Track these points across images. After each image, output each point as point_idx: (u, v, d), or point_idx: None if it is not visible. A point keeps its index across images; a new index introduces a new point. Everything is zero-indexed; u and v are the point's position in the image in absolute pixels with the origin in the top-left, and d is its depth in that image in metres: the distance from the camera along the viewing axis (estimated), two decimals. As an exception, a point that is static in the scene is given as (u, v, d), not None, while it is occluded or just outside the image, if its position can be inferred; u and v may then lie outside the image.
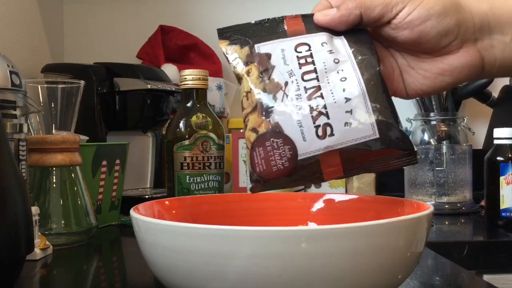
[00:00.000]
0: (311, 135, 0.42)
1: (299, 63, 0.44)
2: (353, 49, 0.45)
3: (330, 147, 0.42)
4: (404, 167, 1.07)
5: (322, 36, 0.46)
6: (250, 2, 1.43)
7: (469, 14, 0.46)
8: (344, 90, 0.43)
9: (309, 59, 0.44)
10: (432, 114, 1.15)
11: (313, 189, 1.20)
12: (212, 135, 0.85)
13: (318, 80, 0.43)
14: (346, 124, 0.42)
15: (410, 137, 1.17)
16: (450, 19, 0.45)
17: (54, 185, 0.71)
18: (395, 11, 0.45)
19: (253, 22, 0.48)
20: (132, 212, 0.43)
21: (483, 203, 0.98)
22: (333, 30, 0.47)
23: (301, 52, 0.45)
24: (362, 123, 0.42)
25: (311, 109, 0.42)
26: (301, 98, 0.43)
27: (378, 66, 0.44)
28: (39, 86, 0.72)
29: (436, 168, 1.07)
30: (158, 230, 0.38)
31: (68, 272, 0.63)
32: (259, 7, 1.42)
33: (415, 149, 0.44)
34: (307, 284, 0.35)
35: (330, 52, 0.45)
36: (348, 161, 0.43)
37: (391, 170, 0.44)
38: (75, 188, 0.73)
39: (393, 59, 0.50)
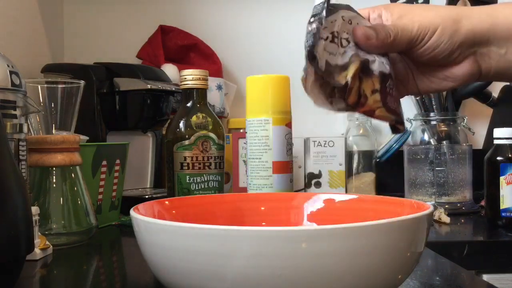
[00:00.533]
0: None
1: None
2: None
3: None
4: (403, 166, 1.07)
5: None
6: (250, 2, 1.43)
7: (472, 34, 0.54)
8: None
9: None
10: (432, 114, 1.15)
11: (313, 189, 1.21)
12: (212, 135, 0.85)
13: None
14: None
15: (410, 137, 1.18)
16: (454, 44, 0.53)
17: (54, 185, 0.71)
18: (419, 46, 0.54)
19: None
20: (132, 212, 0.43)
21: (483, 203, 0.98)
22: None
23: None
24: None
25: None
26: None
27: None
28: (39, 86, 0.72)
29: (436, 168, 1.07)
30: (158, 230, 0.38)
31: (68, 272, 0.63)
32: (259, 7, 1.42)
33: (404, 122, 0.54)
34: (307, 284, 0.35)
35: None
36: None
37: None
38: (75, 188, 0.73)
39: (407, 67, 0.59)
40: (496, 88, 1.33)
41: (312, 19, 0.48)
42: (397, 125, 0.53)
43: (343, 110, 0.51)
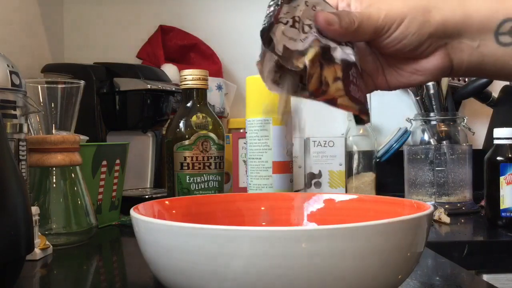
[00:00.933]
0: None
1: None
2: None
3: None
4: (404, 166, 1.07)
5: None
6: (250, 2, 1.43)
7: (442, 25, 0.51)
8: None
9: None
10: (432, 114, 1.15)
11: (313, 189, 1.21)
12: (212, 135, 0.85)
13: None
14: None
15: (410, 137, 1.18)
16: (423, 35, 0.51)
17: (54, 185, 0.71)
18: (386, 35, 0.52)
19: None
20: (132, 212, 0.43)
21: (483, 203, 0.98)
22: None
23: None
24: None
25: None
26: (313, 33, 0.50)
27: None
28: (39, 86, 0.72)
29: (436, 168, 1.07)
30: (158, 230, 0.38)
31: (68, 272, 0.63)
32: (259, 7, 1.42)
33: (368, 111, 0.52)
34: (307, 284, 0.35)
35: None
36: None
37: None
38: (75, 188, 0.73)
39: (377, 59, 0.56)
40: (496, 88, 1.33)
41: (271, 2, 0.47)
42: (361, 115, 0.51)
43: (306, 98, 0.50)
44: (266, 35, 0.46)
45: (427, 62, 0.53)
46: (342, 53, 0.50)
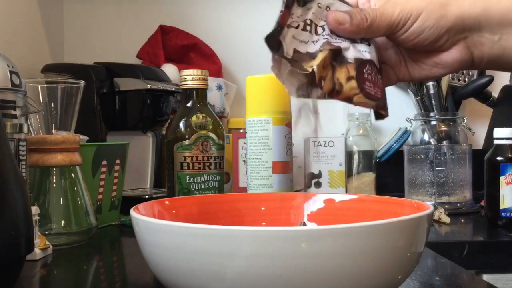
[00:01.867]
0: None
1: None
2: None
3: None
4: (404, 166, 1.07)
5: None
6: (250, 2, 1.43)
7: (460, 19, 0.50)
8: None
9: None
10: (432, 114, 1.15)
11: (313, 189, 1.21)
12: (212, 135, 0.85)
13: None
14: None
15: (410, 137, 1.18)
16: (441, 29, 0.50)
17: (54, 185, 0.71)
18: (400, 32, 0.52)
19: None
20: (132, 212, 0.43)
21: (483, 203, 0.98)
22: None
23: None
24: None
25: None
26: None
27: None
28: (39, 86, 0.72)
29: (436, 168, 1.07)
30: (158, 230, 0.38)
31: (68, 272, 0.63)
32: (259, 7, 1.42)
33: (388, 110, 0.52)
34: (307, 284, 0.35)
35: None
36: None
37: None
38: (75, 188, 0.73)
39: (399, 52, 0.56)
40: (496, 88, 1.33)
41: (281, 7, 0.48)
42: (379, 111, 0.52)
43: (322, 98, 0.50)
44: (273, 40, 0.47)
45: (447, 55, 0.53)
46: (355, 51, 0.51)
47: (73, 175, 0.73)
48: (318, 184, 1.20)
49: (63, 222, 0.71)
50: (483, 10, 0.50)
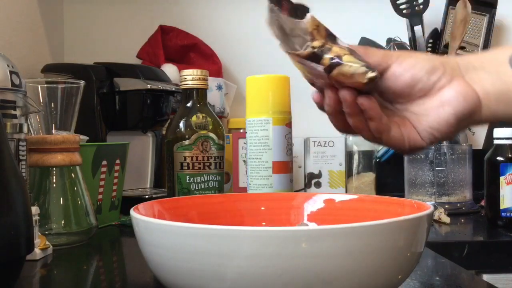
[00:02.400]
0: None
1: None
2: None
3: None
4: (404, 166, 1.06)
5: None
6: (250, 2, 1.43)
7: (453, 60, 0.53)
8: None
9: None
10: (432, 114, 1.15)
11: (313, 189, 1.21)
12: (212, 135, 0.85)
13: None
14: None
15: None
16: (434, 61, 0.52)
17: (54, 185, 0.71)
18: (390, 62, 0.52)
19: None
20: (132, 212, 0.43)
21: (483, 203, 0.98)
22: None
23: None
24: None
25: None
26: None
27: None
28: (39, 86, 0.72)
29: (436, 168, 1.07)
30: (158, 230, 0.38)
31: (68, 272, 0.63)
32: (259, 7, 1.42)
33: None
34: (307, 284, 0.35)
35: None
36: None
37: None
38: (75, 188, 0.73)
39: (405, 118, 0.54)
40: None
41: None
42: (370, 73, 0.49)
43: (311, 60, 0.50)
44: None
45: (448, 91, 0.51)
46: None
47: (73, 175, 0.73)
48: (318, 184, 1.20)
49: (63, 222, 0.71)
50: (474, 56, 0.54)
